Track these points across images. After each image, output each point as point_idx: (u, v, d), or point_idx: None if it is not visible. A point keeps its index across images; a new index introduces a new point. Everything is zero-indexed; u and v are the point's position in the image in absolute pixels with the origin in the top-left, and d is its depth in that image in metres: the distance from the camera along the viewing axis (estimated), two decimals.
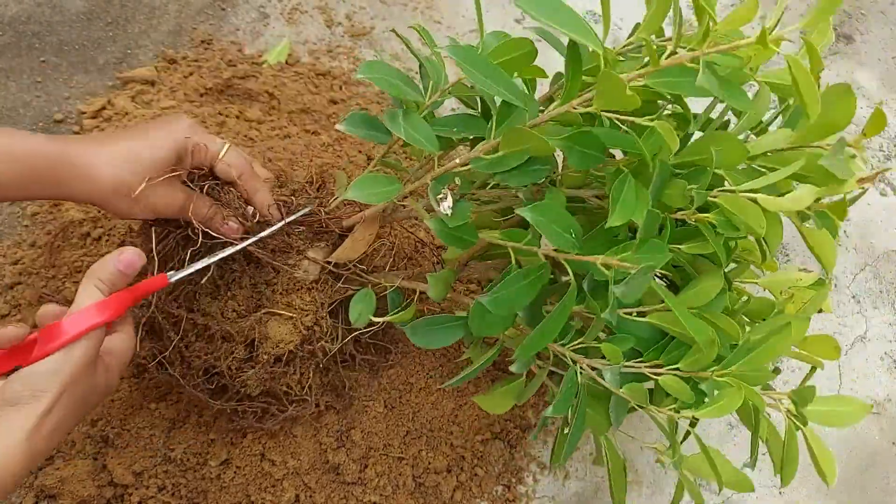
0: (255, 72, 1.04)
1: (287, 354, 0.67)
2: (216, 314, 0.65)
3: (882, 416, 1.04)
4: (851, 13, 1.51)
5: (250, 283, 0.66)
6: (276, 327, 0.65)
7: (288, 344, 0.65)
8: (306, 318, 0.66)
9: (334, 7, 1.18)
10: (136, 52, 1.02)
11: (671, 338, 0.63)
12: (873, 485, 0.99)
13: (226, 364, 0.65)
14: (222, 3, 1.12)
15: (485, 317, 0.61)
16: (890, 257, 1.19)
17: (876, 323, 1.12)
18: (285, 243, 0.66)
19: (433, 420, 0.85)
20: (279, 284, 0.66)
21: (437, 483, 0.82)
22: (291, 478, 0.78)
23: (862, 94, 1.38)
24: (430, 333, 0.65)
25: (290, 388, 0.69)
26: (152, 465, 0.76)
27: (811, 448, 0.69)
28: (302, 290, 0.67)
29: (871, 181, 0.55)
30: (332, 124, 1.02)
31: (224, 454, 0.77)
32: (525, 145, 0.57)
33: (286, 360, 0.68)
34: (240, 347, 0.65)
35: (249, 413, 0.71)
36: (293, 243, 0.66)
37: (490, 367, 0.90)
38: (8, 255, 0.84)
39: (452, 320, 0.65)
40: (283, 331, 0.65)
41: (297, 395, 0.70)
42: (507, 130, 0.57)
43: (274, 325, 0.65)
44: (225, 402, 0.70)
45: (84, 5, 1.04)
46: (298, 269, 0.66)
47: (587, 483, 0.90)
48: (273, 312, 0.65)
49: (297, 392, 0.69)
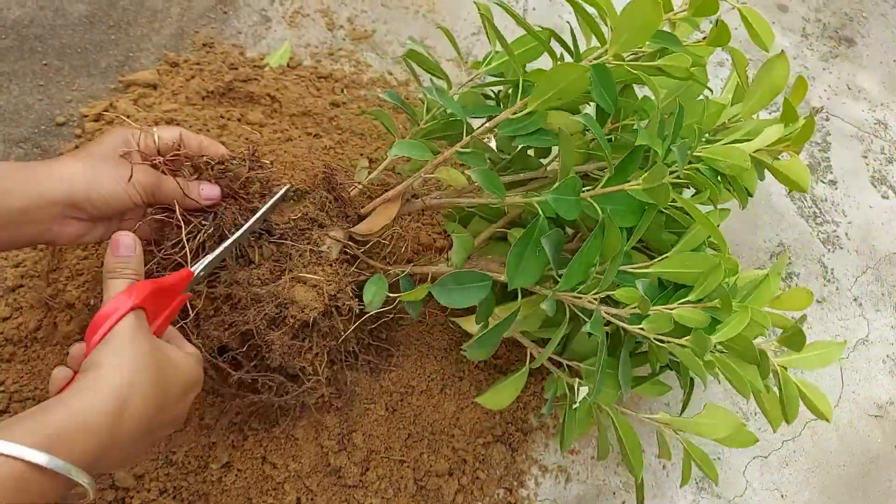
0: (256, 75, 1.04)
1: (308, 326, 0.69)
2: (243, 281, 0.67)
3: (884, 420, 1.04)
4: (853, 16, 1.51)
5: (273, 259, 0.69)
6: (303, 293, 0.67)
7: (313, 310, 0.67)
8: (329, 287, 0.68)
9: (336, 10, 1.18)
10: (138, 55, 1.03)
11: (674, 287, 0.70)
12: (875, 488, 0.98)
13: (255, 324, 0.66)
14: (224, 6, 1.13)
15: (519, 266, 0.65)
16: (891, 260, 1.19)
17: (878, 326, 1.12)
18: (310, 219, 0.70)
19: (434, 423, 0.85)
20: (303, 257, 0.69)
21: (438, 486, 0.82)
22: (293, 481, 0.78)
23: (863, 97, 1.38)
24: (457, 292, 0.68)
25: (304, 369, 0.70)
26: (153, 468, 0.76)
27: (803, 393, 0.76)
28: (324, 263, 0.70)
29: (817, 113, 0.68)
30: (334, 127, 1.02)
31: (225, 457, 0.77)
32: (558, 86, 0.63)
33: (306, 333, 0.70)
34: (270, 305, 0.67)
35: (267, 386, 0.71)
36: (318, 218, 0.70)
37: (490, 368, 0.90)
38: (9, 257, 0.84)
39: (479, 278, 0.69)
40: (308, 296, 0.67)
41: (310, 377, 0.71)
42: (543, 74, 0.64)
43: (300, 290, 0.67)
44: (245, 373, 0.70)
45: (86, 9, 1.04)
46: (322, 243, 0.70)
47: (589, 486, 0.90)
48: (300, 277, 0.67)
49: (310, 372, 0.70)
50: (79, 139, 0.92)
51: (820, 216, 1.22)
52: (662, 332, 0.66)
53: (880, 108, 1.38)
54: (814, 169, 1.27)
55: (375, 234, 0.74)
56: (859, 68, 1.43)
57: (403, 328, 0.90)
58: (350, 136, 1.02)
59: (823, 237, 1.19)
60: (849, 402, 1.04)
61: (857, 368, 1.08)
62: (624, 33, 0.63)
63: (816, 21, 1.48)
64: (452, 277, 0.68)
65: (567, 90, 0.64)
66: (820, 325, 1.10)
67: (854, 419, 1.03)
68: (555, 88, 0.64)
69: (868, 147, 1.32)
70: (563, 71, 0.63)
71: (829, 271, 1.16)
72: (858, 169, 1.28)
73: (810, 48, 1.43)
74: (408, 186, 0.74)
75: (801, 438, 1.00)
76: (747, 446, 0.77)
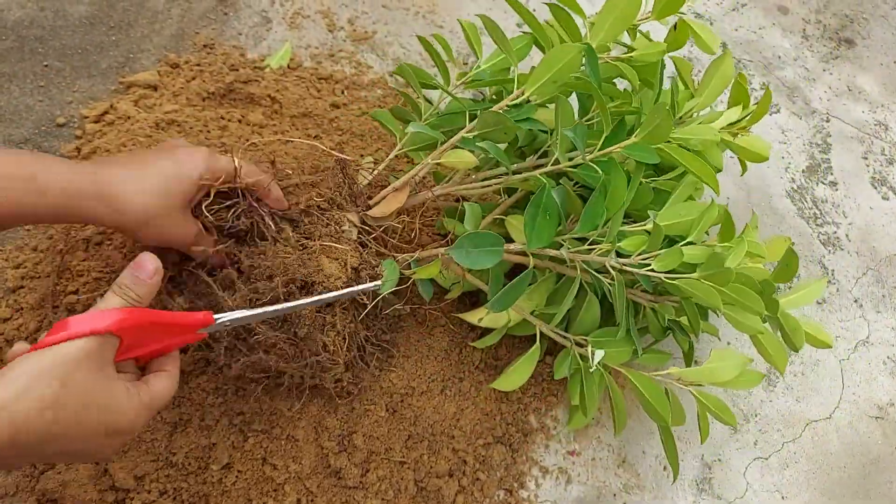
0: (257, 76, 1.04)
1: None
2: (269, 252, 0.69)
3: (885, 421, 1.04)
4: (853, 17, 1.51)
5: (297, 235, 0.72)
6: (328, 263, 0.70)
7: (337, 279, 0.69)
8: (353, 260, 0.71)
9: (336, 12, 1.18)
10: (138, 56, 1.03)
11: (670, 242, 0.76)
12: (877, 490, 0.98)
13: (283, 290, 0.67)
14: (225, 7, 1.13)
15: (535, 223, 0.71)
16: (892, 261, 1.19)
17: (878, 327, 1.12)
18: (328, 199, 0.73)
19: (435, 424, 0.85)
20: (329, 230, 0.72)
21: (438, 487, 0.82)
22: (293, 482, 0.78)
23: (864, 99, 1.38)
24: (474, 255, 0.71)
25: (325, 346, 0.72)
26: (154, 469, 0.76)
27: (802, 325, 0.83)
28: (344, 243, 0.73)
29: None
30: (334, 129, 1.02)
31: (226, 458, 0.77)
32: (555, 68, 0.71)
33: (331, 308, 0.72)
34: (301, 269, 0.68)
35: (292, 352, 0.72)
36: (335, 199, 0.74)
37: (490, 370, 0.90)
38: (10, 258, 0.84)
39: (494, 241, 0.72)
40: (333, 267, 0.70)
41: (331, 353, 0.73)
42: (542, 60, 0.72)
43: (325, 261, 0.70)
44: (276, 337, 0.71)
45: (87, 10, 1.04)
46: (343, 223, 0.73)
47: (589, 487, 0.89)
48: (325, 248, 0.70)
49: (332, 349, 0.72)
50: (79, 140, 0.92)
51: (820, 217, 1.22)
52: (672, 268, 0.72)
53: (881, 109, 1.38)
54: (814, 170, 1.27)
55: (389, 218, 0.77)
56: (860, 70, 1.43)
57: (404, 330, 0.90)
58: (350, 137, 1.02)
59: (824, 238, 1.19)
60: (849, 404, 1.04)
61: (857, 370, 1.07)
62: (606, 24, 0.74)
63: (817, 22, 1.48)
64: (469, 239, 0.71)
65: (563, 71, 0.71)
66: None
67: (854, 421, 1.03)
68: (551, 71, 0.71)
69: (868, 148, 1.32)
70: (561, 51, 0.70)
71: (830, 273, 1.16)
72: (859, 170, 1.28)
73: (811, 49, 1.43)
74: (416, 173, 0.78)
75: (801, 440, 1.00)
76: (755, 385, 0.81)
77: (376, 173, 0.82)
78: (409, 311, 0.88)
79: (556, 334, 0.83)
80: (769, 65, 1.39)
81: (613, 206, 0.74)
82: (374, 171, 0.82)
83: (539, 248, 0.73)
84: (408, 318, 0.90)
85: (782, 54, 1.41)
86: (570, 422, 0.90)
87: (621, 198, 0.73)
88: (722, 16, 1.44)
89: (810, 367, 1.06)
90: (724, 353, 0.80)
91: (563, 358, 0.82)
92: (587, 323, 0.83)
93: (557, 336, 0.83)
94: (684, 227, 0.77)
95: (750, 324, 0.78)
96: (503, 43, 0.76)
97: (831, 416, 1.03)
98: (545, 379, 0.93)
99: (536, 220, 0.72)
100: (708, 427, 0.83)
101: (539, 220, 0.72)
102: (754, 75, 1.36)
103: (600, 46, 0.76)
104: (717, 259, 0.71)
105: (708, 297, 0.72)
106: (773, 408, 1.01)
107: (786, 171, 1.25)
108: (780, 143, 1.28)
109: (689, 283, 0.73)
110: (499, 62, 0.82)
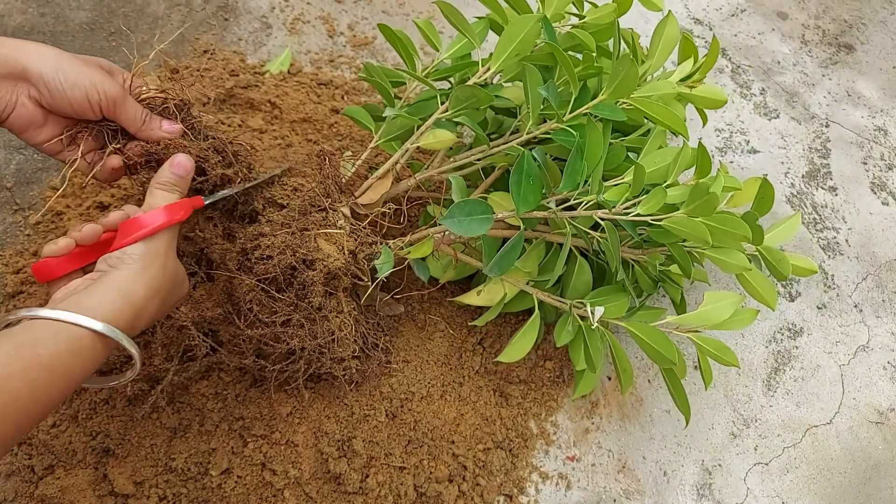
0: (257, 81, 1.05)
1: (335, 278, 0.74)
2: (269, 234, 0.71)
3: (886, 426, 1.04)
4: (852, 23, 1.52)
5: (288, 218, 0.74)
6: (325, 245, 0.73)
7: (336, 260, 0.72)
8: (349, 243, 0.74)
9: (336, 17, 1.18)
10: (138, 62, 1.03)
11: (643, 191, 0.78)
12: (877, 495, 0.98)
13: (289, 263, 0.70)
14: (225, 13, 1.13)
15: (521, 189, 0.74)
16: (892, 266, 1.19)
17: (879, 332, 1.12)
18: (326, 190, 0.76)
19: (435, 429, 0.85)
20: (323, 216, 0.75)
21: (438, 493, 0.82)
22: (292, 487, 0.78)
23: (863, 104, 1.38)
24: (466, 223, 0.73)
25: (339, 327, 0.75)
26: (153, 474, 0.76)
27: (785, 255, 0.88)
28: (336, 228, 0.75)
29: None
30: (334, 133, 1.03)
31: (225, 463, 0.77)
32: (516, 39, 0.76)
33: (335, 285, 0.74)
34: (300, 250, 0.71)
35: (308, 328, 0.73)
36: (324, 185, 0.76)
37: (490, 374, 0.90)
38: (10, 263, 0.84)
39: (484, 209, 0.74)
40: (330, 248, 0.73)
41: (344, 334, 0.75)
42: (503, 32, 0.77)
43: (323, 242, 0.73)
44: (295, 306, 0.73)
45: (87, 16, 1.04)
46: (335, 210, 0.75)
47: (589, 493, 0.89)
48: (322, 233, 0.72)
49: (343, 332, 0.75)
50: None
51: (820, 223, 1.22)
52: (657, 209, 0.75)
53: (880, 114, 1.38)
54: (814, 175, 1.27)
55: (377, 204, 0.80)
56: (859, 75, 1.43)
57: (403, 335, 0.90)
58: (351, 142, 1.02)
59: (824, 243, 1.19)
60: (849, 409, 1.04)
61: (857, 375, 1.07)
62: None
63: (816, 28, 1.49)
64: (458, 208, 0.73)
65: (523, 43, 0.76)
66: (820, 332, 1.10)
67: (855, 426, 1.03)
68: (513, 43, 0.76)
69: (868, 153, 1.32)
70: (519, 22, 0.76)
71: (830, 278, 1.16)
72: (858, 175, 1.29)
73: (810, 55, 1.44)
74: (397, 159, 0.81)
75: (801, 445, 0.99)
76: (749, 323, 0.83)
77: (357, 165, 0.84)
78: (408, 316, 0.88)
79: (553, 299, 0.84)
80: (768, 70, 1.39)
81: (592, 160, 0.77)
82: (354, 165, 0.84)
83: (527, 211, 0.75)
84: (407, 322, 0.90)
85: (781, 59, 1.41)
86: (577, 388, 0.88)
87: (599, 152, 0.76)
88: (721, 21, 1.45)
89: (810, 372, 1.06)
90: (718, 295, 0.81)
91: (562, 324, 0.83)
92: (581, 287, 0.86)
93: (555, 301, 0.83)
94: (661, 172, 0.81)
95: (736, 262, 0.80)
96: (463, 25, 0.81)
97: (832, 422, 1.03)
98: (545, 384, 0.93)
99: (521, 187, 0.74)
100: (711, 372, 0.85)
101: (524, 185, 0.74)
102: (754, 80, 1.37)
103: (554, 16, 0.81)
104: (700, 188, 0.72)
105: (695, 230, 0.73)
106: (774, 413, 1.01)
107: (785, 177, 1.25)
108: (780, 148, 1.28)
109: (675, 220, 0.74)
110: (461, 48, 0.86)
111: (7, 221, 0.87)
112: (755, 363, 1.05)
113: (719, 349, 0.82)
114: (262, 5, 1.16)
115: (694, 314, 0.81)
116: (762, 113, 1.33)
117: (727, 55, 1.39)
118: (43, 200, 0.90)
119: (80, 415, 0.77)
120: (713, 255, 0.81)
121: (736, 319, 0.82)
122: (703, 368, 0.85)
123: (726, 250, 0.81)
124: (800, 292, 1.13)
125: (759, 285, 0.87)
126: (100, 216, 0.88)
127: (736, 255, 0.81)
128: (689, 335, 0.82)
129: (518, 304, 0.88)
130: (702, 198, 0.72)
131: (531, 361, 0.94)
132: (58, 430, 0.77)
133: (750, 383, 1.03)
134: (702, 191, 0.72)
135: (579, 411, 0.94)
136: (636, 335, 0.79)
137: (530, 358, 0.94)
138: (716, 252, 0.80)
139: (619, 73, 0.74)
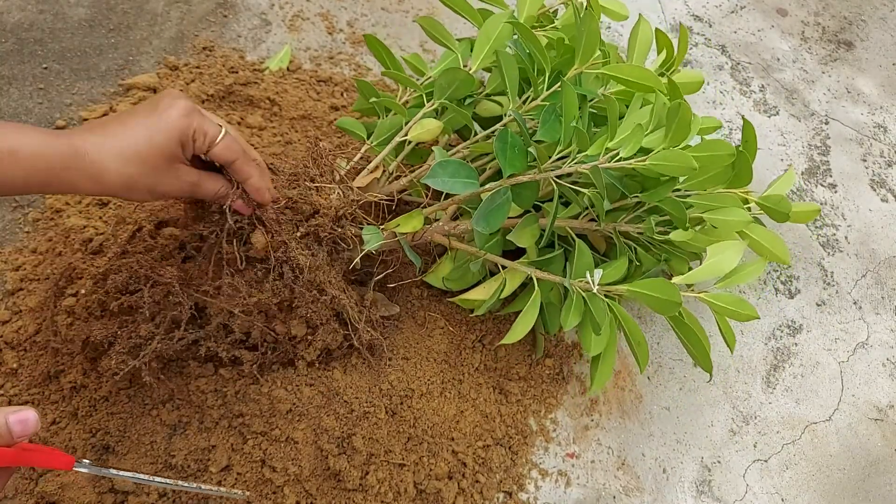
0: (256, 78, 1.05)
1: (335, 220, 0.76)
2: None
3: (885, 423, 1.04)
4: (852, 20, 1.52)
5: None
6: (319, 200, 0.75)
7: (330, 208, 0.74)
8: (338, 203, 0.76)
9: (336, 14, 1.18)
10: (138, 58, 1.03)
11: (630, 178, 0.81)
12: (876, 492, 0.98)
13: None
14: (224, 10, 1.13)
15: (506, 155, 0.75)
16: (891, 263, 1.19)
17: (878, 329, 1.12)
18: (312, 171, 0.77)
19: (434, 426, 0.85)
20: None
21: (438, 490, 0.82)
22: (292, 484, 0.78)
23: (862, 101, 1.38)
24: (450, 183, 0.73)
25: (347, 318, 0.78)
26: (153, 471, 0.76)
27: None
28: None
29: None
30: (334, 131, 1.03)
31: (225, 460, 0.77)
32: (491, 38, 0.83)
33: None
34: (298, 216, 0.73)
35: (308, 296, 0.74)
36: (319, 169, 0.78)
37: (490, 371, 0.90)
38: (9, 260, 0.84)
39: (468, 172, 0.74)
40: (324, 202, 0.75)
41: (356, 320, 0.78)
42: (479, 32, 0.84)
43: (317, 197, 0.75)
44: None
45: (86, 12, 1.04)
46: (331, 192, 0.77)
47: (589, 490, 0.89)
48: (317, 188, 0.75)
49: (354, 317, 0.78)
50: None
51: (819, 220, 1.22)
52: (637, 151, 0.75)
53: (879, 111, 1.38)
54: (813, 172, 1.27)
55: (369, 189, 0.81)
56: (858, 72, 1.43)
57: (403, 332, 0.90)
58: (350, 139, 1.02)
59: (823, 241, 1.19)
60: (849, 406, 1.04)
61: (857, 372, 1.07)
62: (524, 9, 0.87)
63: (816, 25, 1.49)
64: (442, 167, 0.73)
65: (499, 39, 0.83)
66: (820, 329, 1.10)
67: (854, 423, 1.03)
68: (490, 41, 0.83)
69: (867, 150, 1.32)
70: (493, 21, 0.82)
71: (829, 275, 1.16)
72: (858, 172, 1.29)
73: (809, 52, 1.44)
74: (387, 154, 0.84)
75: (801, 442, 0.99)
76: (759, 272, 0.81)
77: (351, 165, 0.85)
78: (408, 313, 0.88)
79: (553, 277, 0.82)
80: (768, 67, 1.39)
81: (569, 118, 0.77)
82: (349, 162, 0.85)
83: (513, 174, 0.75)
84: (407, 319, 0.90)
85: (781, 56, 1.41)
86: (594, 382, 0.84)
87: (573, 111, 0.76)
88: (721, 18, 1.45)
89: (810, 369, 1.06)
90: (721, 246, 0.79)
91: (567, 307, 0.81)
92: (583, 270, 0.84)
93: (554, 278, 0.82)
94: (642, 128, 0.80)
95: (737, 218, 0.79)
96: (448, 40, 0.86)
97: (831, 418, 1.03)
98: (544, 381, 0.93)
99: (507, 153, 0.75)
100: (732, 334, 0.82)
101: (509, 152, 0.75)
102: (753, 77, 1.36)
103: (527, 19, 0.87)
104: (677, 109, 0.72)
105: (679, 159, 0.73)
106: (773, 410, 1.01)
107: None
108: (780, 145, 1.28)
109: (661, 156, 0.74)
110: (448, 63, 0.88)
111: (6, 218, 0.87)
112: (754, 360, 1.05)
113: (736, 304, 0.79)
114: (261, 2, 1.16)
115: (700, 269, 0.78)
116: (762, 110, 1.32)
117: (727, 52, 1.39)
118: (42, 197, 0.90)
119: (80, 412, 0.77)
120: (712, 216, 0.79)
121: (744, 272, 0.80)
122: (723, 330, 0.82)
123: (725, 209, 0.79)
124: (799, 289, 1.13)
125: (767, 241, 0.85)
126: (98, 213, 0.88)
127: (735, 211, 0.79)
128: (700, 296, 0.79)
129: (519, 303, 0.88)
130: (676, 117, 0.72)
131: (531, 359, 0.94)
132: (57, 427, 0.77)
133: (749, 380, 1.03)
134: (674, 110, 0.72)
135: (579, 408, 0.94)
136: (637, 292, 0.76)
137: (530, 355, 0.94)
138: (715, 213, 0.78)
139: (583, 33, 0.76)
